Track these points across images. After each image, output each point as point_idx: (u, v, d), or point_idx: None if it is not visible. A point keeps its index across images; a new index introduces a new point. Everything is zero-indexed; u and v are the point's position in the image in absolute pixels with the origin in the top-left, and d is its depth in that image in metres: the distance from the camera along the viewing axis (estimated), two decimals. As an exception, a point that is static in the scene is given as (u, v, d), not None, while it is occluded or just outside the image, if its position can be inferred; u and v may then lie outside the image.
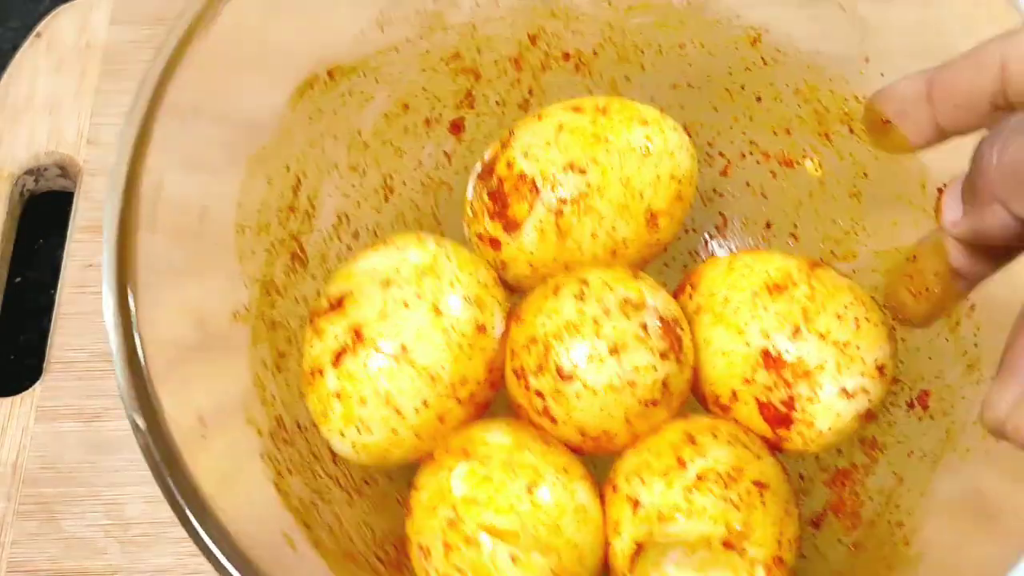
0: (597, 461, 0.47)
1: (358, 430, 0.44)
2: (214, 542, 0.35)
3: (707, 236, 0.56)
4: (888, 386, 0.47)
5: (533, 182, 0.47)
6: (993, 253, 0.39)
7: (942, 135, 0.39)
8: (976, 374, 0.45)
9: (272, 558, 0.37)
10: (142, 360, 0.37)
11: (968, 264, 0.40)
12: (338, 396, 0.44)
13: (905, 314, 0.46)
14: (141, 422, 0.36)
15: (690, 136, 0.50)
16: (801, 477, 0.50)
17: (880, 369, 0.46)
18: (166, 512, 0.32)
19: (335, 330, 0.45)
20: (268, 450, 0.43)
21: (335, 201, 0.50)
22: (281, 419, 0.46)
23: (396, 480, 0.50)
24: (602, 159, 0.47)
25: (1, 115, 0.64)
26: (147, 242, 0.38)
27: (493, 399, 0.48)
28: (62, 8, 0.68)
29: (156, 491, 0.35)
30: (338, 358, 0.44)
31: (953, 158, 0.37)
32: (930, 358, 0.48)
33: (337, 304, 0.45)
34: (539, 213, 0.47)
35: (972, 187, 0.35)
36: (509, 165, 0.48)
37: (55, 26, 0.67)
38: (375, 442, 0.45)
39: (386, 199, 0.53)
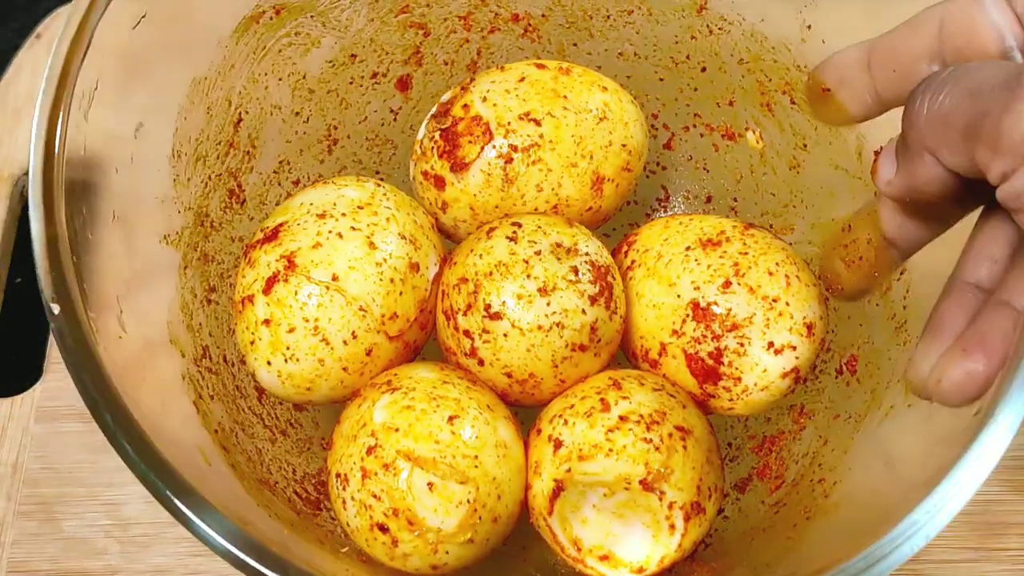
0: (525, 417, 0.48)
1: (285, 359, 0.46)
2: (121, 430, 0.36)
3: (650, 209, 0.58)
4: (818, 348, 0.49)
5: (487, 126, 0.50)
6: (927, 218, 0.42)
7: (880, 105, 0.42)
8: (903, 335, 0.48)
9: (183, 461, 0.38)
10: (67, 255, 0.39)
11: (902, 231, 0.43)
12: (267, 323, 0.46)
13: (839, 284, 0.49)
14: (56, 308, 0.37)
15: (636, 108, 0.53)
16: (730, 445, 0.52)
17: (809, 327, 0.48)
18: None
19: (268, 259, 0.47)
20: (191, 373, 0.45)
21: (277, 145, 0.53)
22: (208, 349, 0.47)
23: (322, 427, 0.51)
24: (558, 114, 0.50)
25: (1, 115, 0.68)
26: (76, 144, 0.40)
27: (424, 345, 0.50)
28: (62, 9, 0.72)
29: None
30: (269, 285, 0.46)
31: (890, 128, 0.40)
32: (860, 324, 0.51)
33: (272, 235, 0.47)
34: (488, 156, 0.50)
35: (905, 143, 0.37)
36: (466, 107, 0.51)
37: (55, 27, 0.71)
38: (301, 372, 0.46)
39: (329, 151, 0.55)
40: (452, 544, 0.44)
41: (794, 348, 0.48)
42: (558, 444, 0.46)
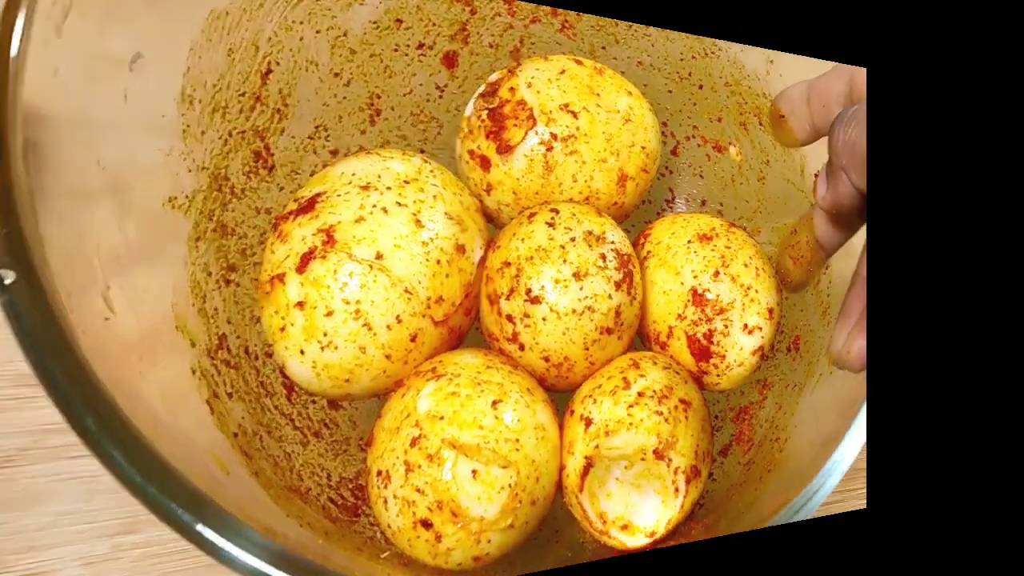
0: (557, 403, 0.24)
1: (321, 346, 0.19)
2: (107, 433, 0.09)
3: (660, 208, 0.33)
4: (775, 329, 0.27)
5: (531, 112, 0.23)
6: (845, 225, 0.26)
7: (816, 133, 0.26)
8: (828, 318, 0.27)
9: (193, 471, 0.11)
10: (26, 207, 0.09)
11: (828, 235, 0.26)
12: (300, 306, 0.18)
13: (788, 277, 0.29)
14: (9, 276, 0.08)
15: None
16: (716, 417, 0.29)
17: (770, 312, 0.27)
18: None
19: (303, 232, 0.19)
20: (203, 367, 0.17)
21: (313, 107, 0.23)
22: (225, 339, 0.19)
23: (360, 426, 0.24)
24: (592, 110, 0.25)
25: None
26: (41, 65, 0.10)
27: (468, 332, 0.23)
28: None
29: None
30: (304, 263, 0.18)
31: (824, 152, 0.21)
32: (801, 310, 0.29)
33: (308, 205, 0.19)
34: (531, 142, 0.23)
35: (830, 165, 0.23)
36: (512, 90, 0.23)
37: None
38: (339, 361, 0.19)
39: (372, 121, 0.26)
40: (494, 531, 0.19)
41: (761, 329, 0.26)
42: (588, 422, 0.22)
